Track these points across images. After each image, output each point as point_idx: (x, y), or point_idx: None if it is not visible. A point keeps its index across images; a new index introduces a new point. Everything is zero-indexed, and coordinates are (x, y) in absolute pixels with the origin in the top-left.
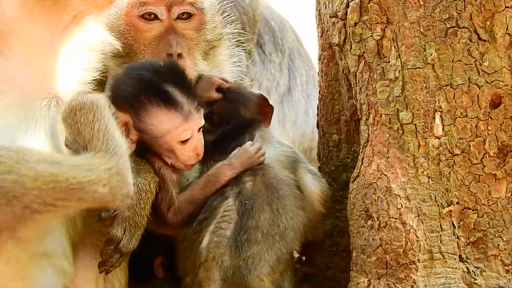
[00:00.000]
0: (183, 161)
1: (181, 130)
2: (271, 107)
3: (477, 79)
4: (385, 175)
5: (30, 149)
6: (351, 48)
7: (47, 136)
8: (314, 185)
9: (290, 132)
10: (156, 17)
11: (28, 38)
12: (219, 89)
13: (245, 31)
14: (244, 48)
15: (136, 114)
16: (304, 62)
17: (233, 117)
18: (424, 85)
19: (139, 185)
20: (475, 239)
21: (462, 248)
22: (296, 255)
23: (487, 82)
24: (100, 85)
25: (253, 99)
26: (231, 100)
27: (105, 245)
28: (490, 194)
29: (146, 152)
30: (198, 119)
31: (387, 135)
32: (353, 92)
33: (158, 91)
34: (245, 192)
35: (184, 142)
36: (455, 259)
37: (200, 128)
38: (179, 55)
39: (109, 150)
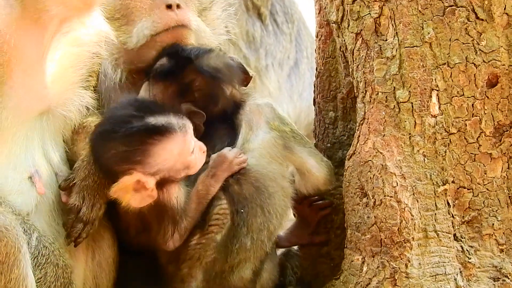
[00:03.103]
0: (197, 167)
1: (188, 145)
2: (250, 77)
3: (474, 58)
4: (381, 153)
5: None
6: (348, 25)
7: (41, 153)
8: (318, 170)
9: (297, 104)
10: None
11: (23, 56)
12: (192, 67)
13: None
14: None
15: (144, 164)
16: (309, 35)
17: (218, 98)
18: (421, 64)
19: None
20: (469, 218)
21: (456, 227)
22: None
23: (484, 61)
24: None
25: (238, 73)
26: (211, 78)
27: (66, 216)
28: (485, 174)
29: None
30: (189, 124)
31: (384, 113)
32: (350, 69)
33: (148, 129)
34: (237, 197)
35: (192, 151)
36: (449, 238)
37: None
38: (178, 6)
39: None
